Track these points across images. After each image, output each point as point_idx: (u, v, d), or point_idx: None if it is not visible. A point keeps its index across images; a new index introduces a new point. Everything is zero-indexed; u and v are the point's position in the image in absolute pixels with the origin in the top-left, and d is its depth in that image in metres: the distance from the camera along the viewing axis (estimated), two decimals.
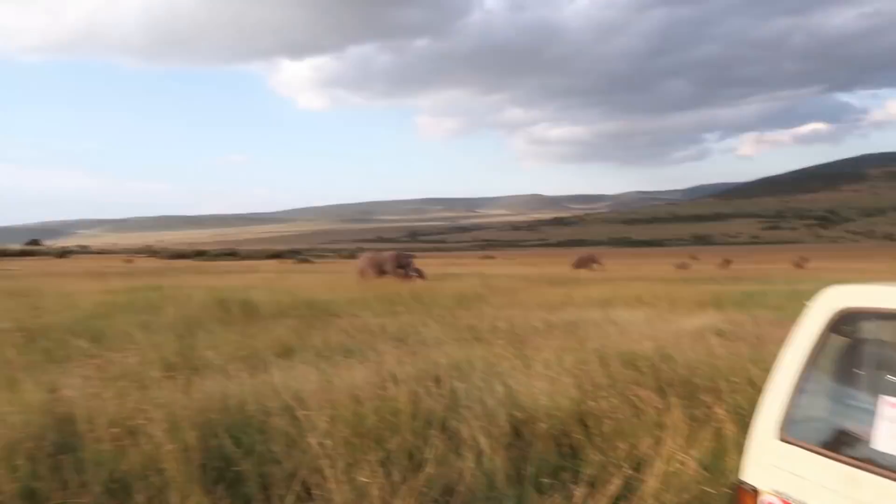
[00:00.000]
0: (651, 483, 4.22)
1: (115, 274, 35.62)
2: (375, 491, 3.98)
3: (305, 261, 76.56)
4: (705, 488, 4.30)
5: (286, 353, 9.32)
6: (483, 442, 4.92)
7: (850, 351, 2.83)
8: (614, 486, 4.04)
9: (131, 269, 44.71)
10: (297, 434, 5.03)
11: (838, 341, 2.80)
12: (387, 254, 30.29)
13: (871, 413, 2.49)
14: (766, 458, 2.75)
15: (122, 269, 47.85)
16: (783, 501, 2.65)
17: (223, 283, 25.21)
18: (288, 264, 64.54)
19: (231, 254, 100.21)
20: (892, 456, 2.35)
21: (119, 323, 12.00)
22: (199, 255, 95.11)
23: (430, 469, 4.36)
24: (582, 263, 51.85)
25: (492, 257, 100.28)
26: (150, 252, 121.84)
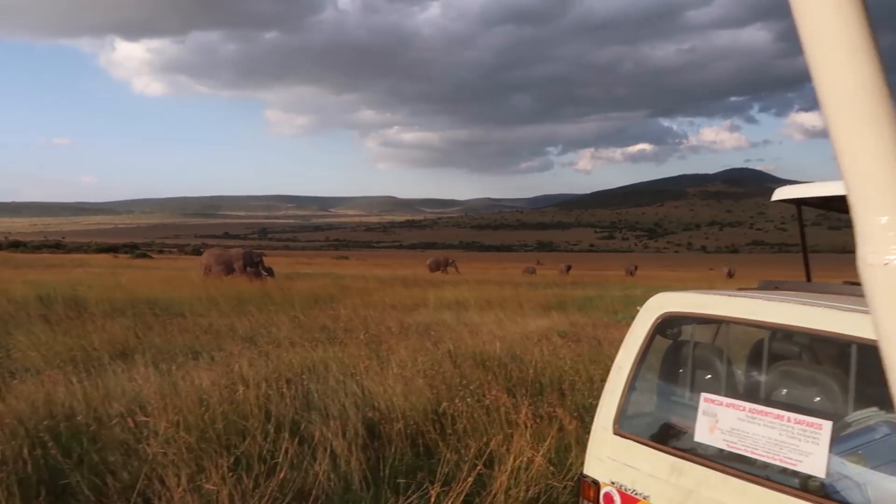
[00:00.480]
0: (502, 479, 4.38)
1: None
2: (224, 498, 3.79)
3: (144, 256, 71.07)
4: (551, 482, 4.54)
5: (123, 355, 8.61)
6: (338, 444, 4.85)
7: (673, 351, 3.11)
8: (467, 483, 4.15)
9: None
10: (136, 442, 4.66)
11: (663, 343, 3.07)
12: (234, 251, 28.94)
13: (692, 408, 2.74)
14: (603, 452, 2.95)
15: None
16: (619, 492, 2.85)
17: (46, 277, 22.79)
18: (123, 259, 59.51)
19: (55, 245, 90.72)
20: (709, 446, 2.59)
21: None
22: (16, 245, 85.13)
23: (283, 474, 4.22)
24: (437, 266, 50.15)
25: (345, 257, 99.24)
26: None
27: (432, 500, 3.94)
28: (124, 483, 4.15)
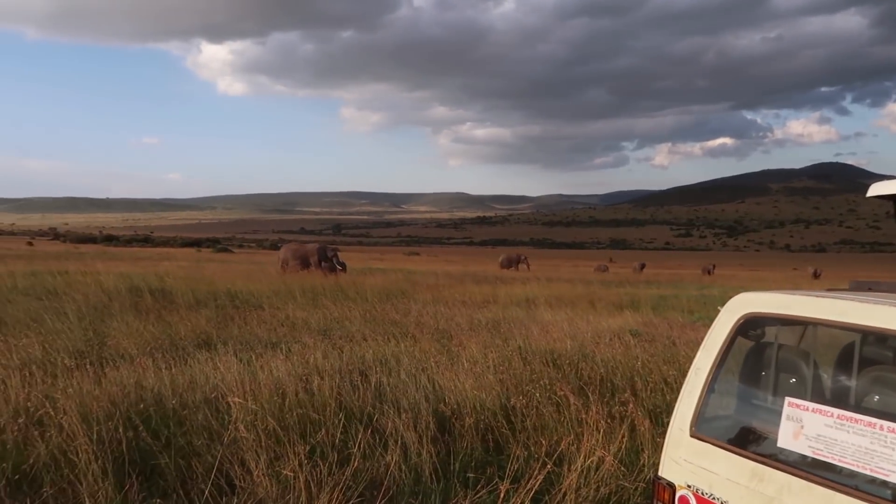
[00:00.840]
0: (571, 478, 4.34)
1: (15, 257, 33.42)
2: (301, 485, 3.92)
3: (225, 250, 74.16)
4: (622, 483, 4.48)
5: (206, 344, 9.03)
6: (409, 436, 4.93)
7: (756, 353, 3.00)
8: (537, 480, 4.14)
9: (33, 252, 42.04)
10: (219, 427, 4.89)
11: (745, 344, 2.97)
12: (310, 245, 29.73)
13: (773, 412, 2.64)
14: (679, 454, 2.88)
15: (22, 251, 44.93)
16: (696, 495, 2.78)
17: (136, 269, 24.09)
18: (206, 253, 62.30)
19: (144, 240, 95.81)
20: (793, 453, 2.50)
21: (20, 308, 11.27)
22: (109, 239, 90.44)
23: (356, 463, 4.33)
24: (510, 263, 49.59)
25: (416, 253, 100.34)
26: (55, 235, 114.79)
27: (501, 495, 3.96)
28: (208, 466, 4.36)
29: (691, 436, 2.85)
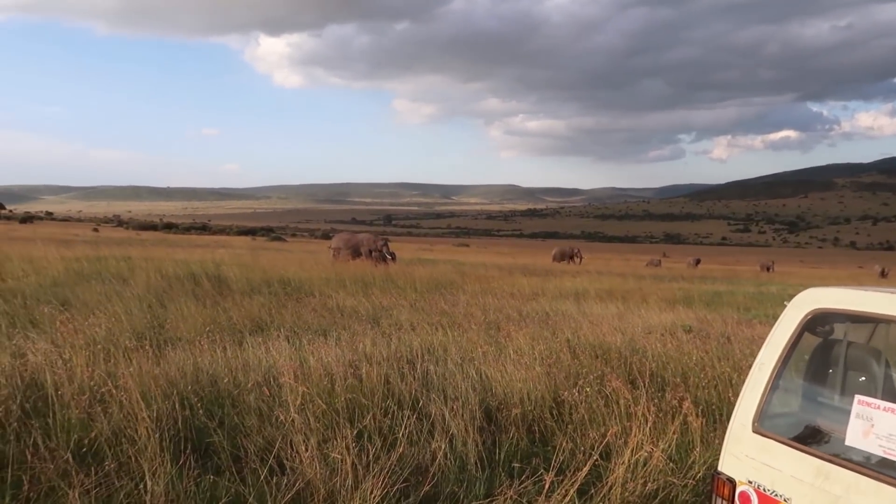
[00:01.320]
0: (618, 472, 4.30)
1: (82, 242, 34.88)
2: (348, 467, 4.00)
3: (278, 238, 75.81)
4: (670, 479, 4.40)
5: (259, 329, 9.26)
6: (455, 424, 4.96)
7: (823, 350, 2.92)
8: (583, 473, 4.11)
9: (98, 238, 43.81)
10: (270, 409, 5.02)
11: (812, 341, 2.89)
12: (362, 235, 30.11)
13: (840, 410, 2.58)
14: (741, 450, 2.84)
15: (88, 237, 46.87)
16: (757, 492, 2.73)
17: (194, 256, 24.83)
18: (260, 241, 63.83)
19: (202, 228, 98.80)
20: (861, 451, 2.44)
21: (86, 291, 11.77)
22: (169, 227, 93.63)
23: (402, 449, 4.38)
24: (563, 256, 47.59)
25: (466, 245, 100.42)
26: (118, 222, 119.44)
27: (546, 486, 3.95)
28: (259, 446, 4.48)
29: (753, 431, 2.81)
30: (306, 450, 4.21)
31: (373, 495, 3.76)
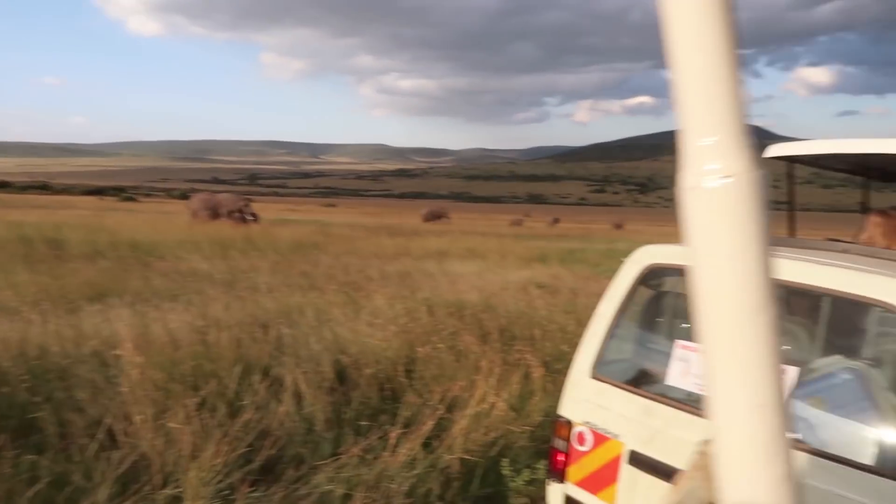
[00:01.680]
0: (462, 423, 4.49)
1: None
2: (187, 437, 3.88)
3: (131, 199, 70.57)
4: (510, 427, 4.67)
5: (100, 296, 8.63)
6: (305, 387, 4.94)
7: (655, 301, 3.21)
8: (427, 426, 4.26)
9: None
10: (104, 381, 4.74)
11: (646, 293, 3.17)
12: (222, 196, 28.81)
13: (666, 355, 2.87)
14: (579, 395, 3.09)
15: None
16: (591, 430, 3.00)
17: (30, 218, 22.61)
18: (110, 202, 59.01)
19: (42, 187, 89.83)
20: (679, 390, 2.74)
21: None
22: (2, 186, 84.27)
23: (247, 415, 4.31)
24: (432, 216, 51.79)
25: (333, 205, 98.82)
26: None
27: (392, 441, 4.06)
28: (90, 420, 4.23)
29: (591, 377, 3.04)
30: (143, 422, 4.03)
31: (212, 463, 3.68)
